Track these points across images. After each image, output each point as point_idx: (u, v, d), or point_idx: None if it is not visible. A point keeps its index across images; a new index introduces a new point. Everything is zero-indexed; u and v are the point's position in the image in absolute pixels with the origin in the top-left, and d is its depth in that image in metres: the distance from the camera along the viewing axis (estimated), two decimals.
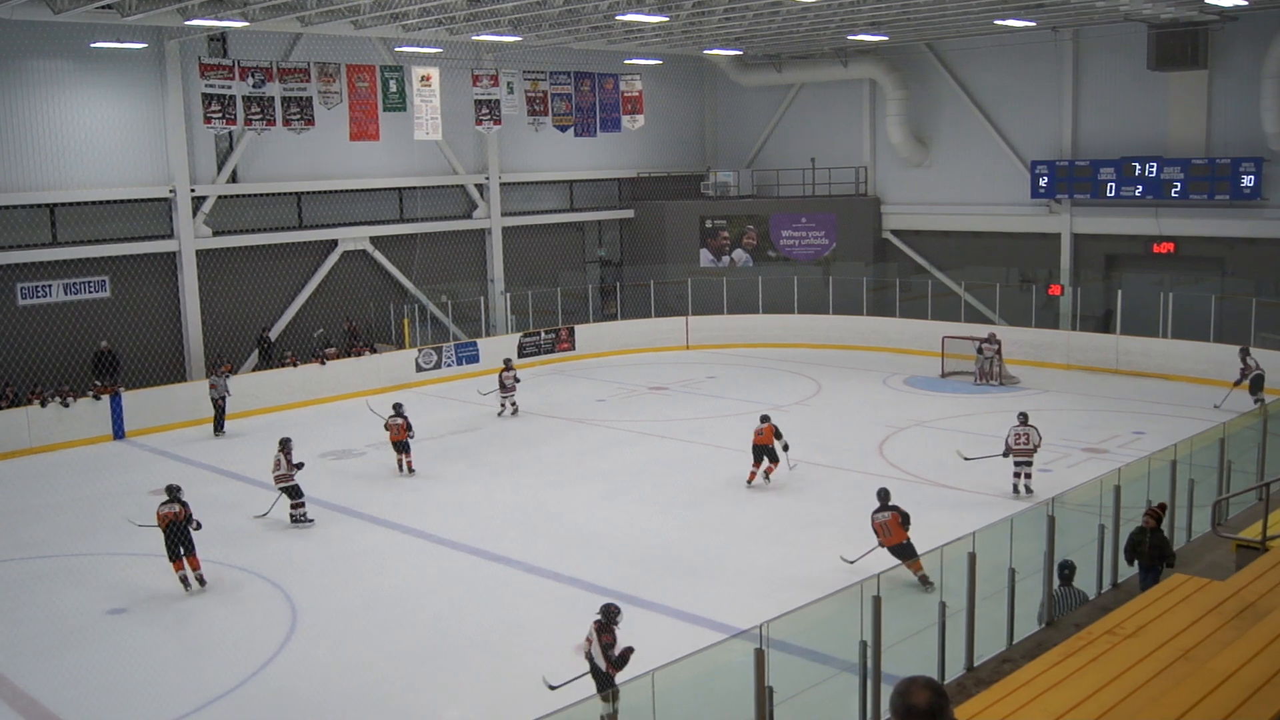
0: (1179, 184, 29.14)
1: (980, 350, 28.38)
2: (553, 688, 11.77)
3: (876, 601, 9.38)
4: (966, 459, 19.52)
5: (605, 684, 11.12)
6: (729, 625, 13.70)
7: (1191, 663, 7.40)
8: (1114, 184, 30.32)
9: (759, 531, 17.88)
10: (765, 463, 19.99)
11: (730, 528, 18.10)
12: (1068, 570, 11.27)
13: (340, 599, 15.61)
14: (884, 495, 15.36)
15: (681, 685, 9.57)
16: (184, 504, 16.07)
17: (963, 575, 10.43)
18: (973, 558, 10.33)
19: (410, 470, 21.60)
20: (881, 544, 15.06)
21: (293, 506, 18.69)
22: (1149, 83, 29.80)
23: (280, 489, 18.78)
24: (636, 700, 8.97)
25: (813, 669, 11.31)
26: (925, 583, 14.01)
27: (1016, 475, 18.95)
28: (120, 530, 18.60)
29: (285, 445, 18.88)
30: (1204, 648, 7.61)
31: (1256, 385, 24.10)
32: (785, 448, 20.17)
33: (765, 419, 20.15)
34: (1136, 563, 11.46)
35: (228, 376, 26.18)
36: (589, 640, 11.44)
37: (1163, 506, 11.76)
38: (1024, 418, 19.40)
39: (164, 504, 16.08)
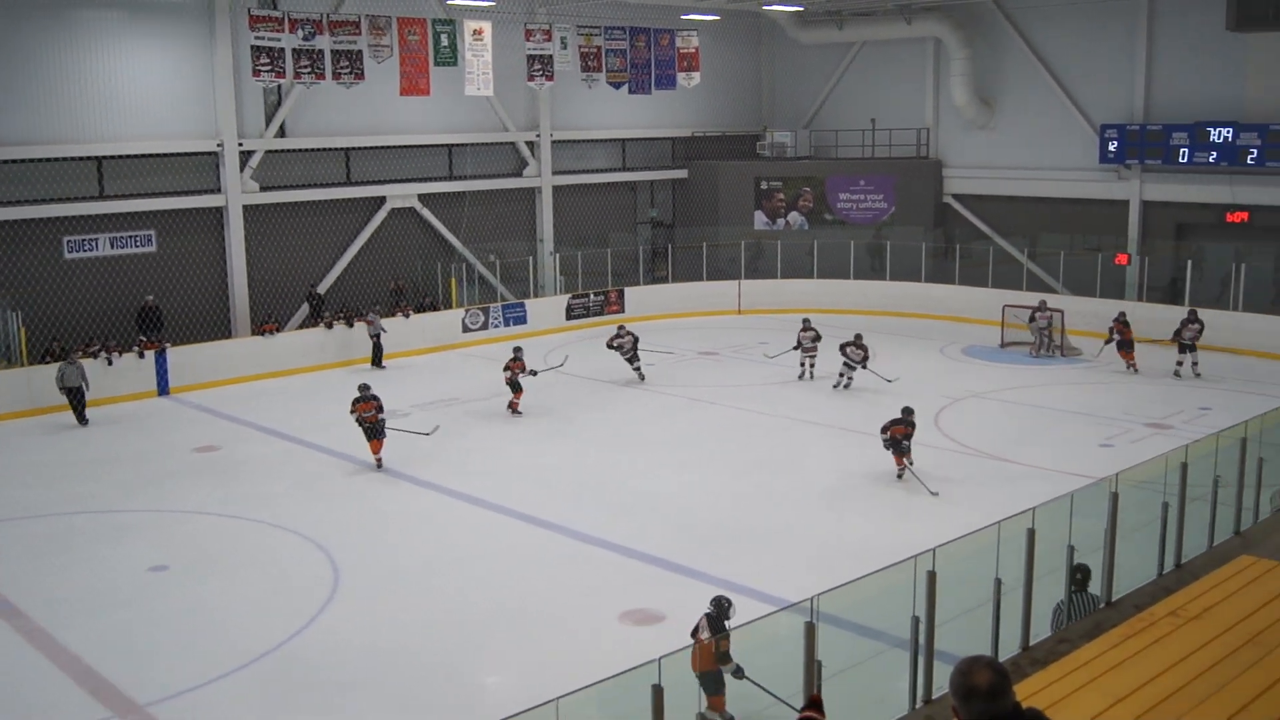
0: (1255, 150, 28.08)
1: (1032, 319, 27.65)
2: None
3: (930, 577, 9.08)
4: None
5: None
6: (778, 597, 13.35)
7: (1259, 647, 7.15)
8: (1187, 150, 29.30)
9: (809, 502, 17.44)
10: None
11: (780, 498, 17.67)
12: (1081, 575, 10.36)
13: (383, 562, 15.41)
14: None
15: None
16: (374, 398, 19.37)
17: (1019, 552, 9.99)
18: (1031, 534, 9.91)
19: (516, 411, 22.89)
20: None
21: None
22: (1226, 44, 28.68)
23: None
24: (682, 671, 8.68)
25: (863, 644, 10.98)
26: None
27: (1180, 363, 24.57)
28: (163, 487, 18.65)
29: (629, 338, 25.23)
30: (1272, 632, 7.37)
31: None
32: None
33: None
34: None
35: (380, 316, 27.65)
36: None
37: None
38: (1193, 313, 24.92)
39: (357, 400, 19.37)
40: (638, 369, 25.18)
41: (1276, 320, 26.74)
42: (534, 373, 23.25)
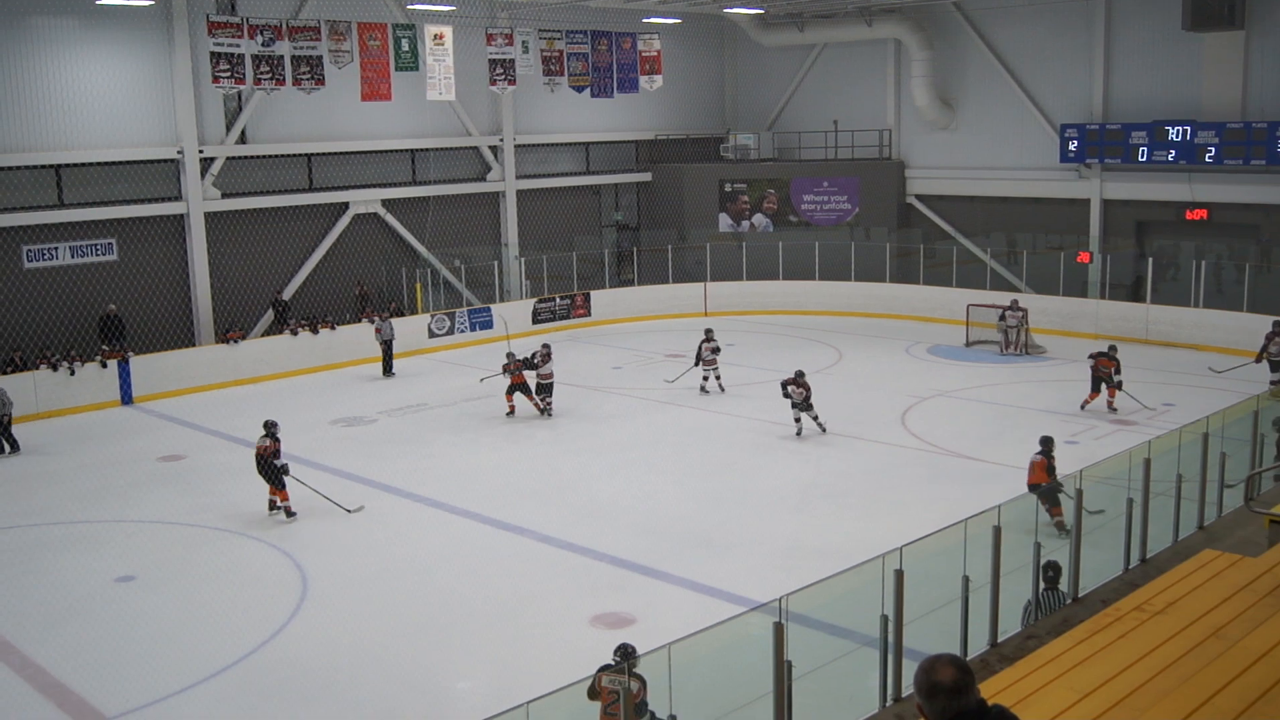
0: (1213, 149, 28.33)
1: (1003, 318, 27.79)
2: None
3: (899, 575, 9.12)
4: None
5: None
6: (747, 598, 13.41)
7: (1223, 641, 7.17)
8: (1146, 148, 29.53)
9: (778, 502, 17.46)
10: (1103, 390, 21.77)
11: (749, 498, 17.69)
12: (1052, 572, 10.56)
13: (351, 568, 15.32)
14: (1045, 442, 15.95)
15: (699, 659, 9.37)
16: (276, 439, 17.27)
17: (986, 549, 10.06)
18: (997, 531, 9.99)
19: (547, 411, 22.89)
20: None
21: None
22: (1183, 43, 28.97)
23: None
24: (653, 674, 8.70)
25: (832, 643, 11.00)
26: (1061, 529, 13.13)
27: (1275, 381, 22.65)
28: (129, 497, 18.46)
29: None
30: (1235, 625, 7.39)
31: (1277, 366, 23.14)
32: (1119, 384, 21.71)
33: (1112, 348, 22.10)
34: None
35: (391, 320, 27.42)
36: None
37: None
38: (1278, 324, 22.86)
39: (260, 438, 17.34)
40: (546, 403, 23.11)
41: (1236, 316, 26.93)
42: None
